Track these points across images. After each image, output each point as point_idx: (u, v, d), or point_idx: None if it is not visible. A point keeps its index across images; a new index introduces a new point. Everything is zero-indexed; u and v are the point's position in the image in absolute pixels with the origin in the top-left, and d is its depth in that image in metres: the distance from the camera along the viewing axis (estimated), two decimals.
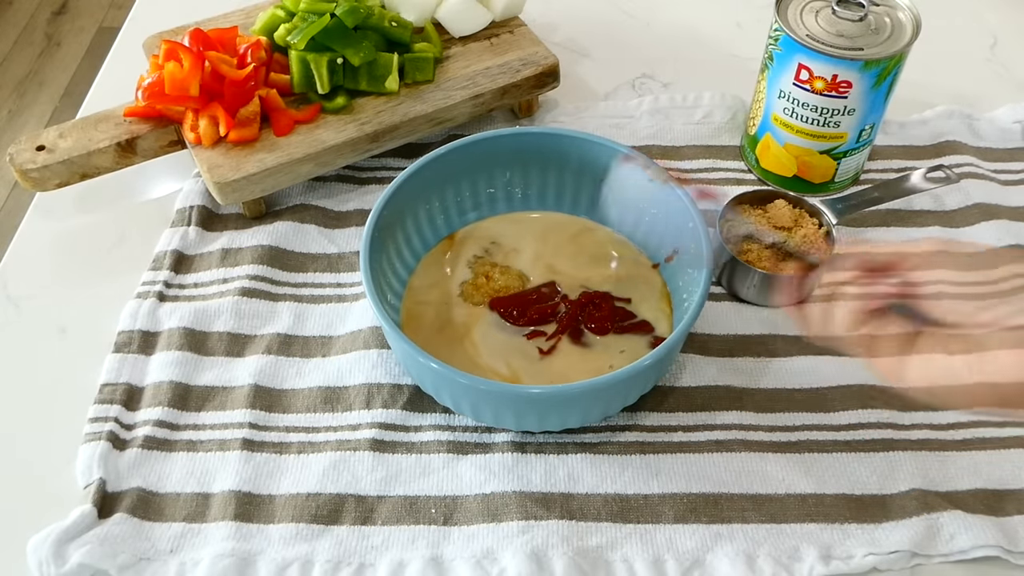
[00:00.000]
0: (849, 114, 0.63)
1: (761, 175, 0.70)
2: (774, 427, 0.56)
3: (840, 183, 0.68)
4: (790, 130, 0.65)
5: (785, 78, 0.63)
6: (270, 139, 0.66)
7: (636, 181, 0.61)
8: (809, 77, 0.62)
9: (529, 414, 0.53)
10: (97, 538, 0.51)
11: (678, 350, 0.56)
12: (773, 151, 0.67)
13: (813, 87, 0.62)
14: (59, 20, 2.16)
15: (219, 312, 0.62)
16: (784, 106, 0.65)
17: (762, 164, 0.69)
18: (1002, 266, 0.64)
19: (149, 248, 0.66)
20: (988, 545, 0.50)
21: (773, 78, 0.64)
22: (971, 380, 0.43)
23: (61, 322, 0.63)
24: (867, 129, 0.65)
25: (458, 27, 0.74)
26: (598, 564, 0.51)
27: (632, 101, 0.77)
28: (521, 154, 0.64)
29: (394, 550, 0.51)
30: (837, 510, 0.53)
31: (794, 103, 0.64)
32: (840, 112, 0.62)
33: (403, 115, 0.68)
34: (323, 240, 0.67)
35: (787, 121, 0.65)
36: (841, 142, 0.65)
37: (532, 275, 0.62)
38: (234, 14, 0.75)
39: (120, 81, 0.74)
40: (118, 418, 0.56)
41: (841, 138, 0.64)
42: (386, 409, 0.57)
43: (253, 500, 0.53)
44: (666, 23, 0.86)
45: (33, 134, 0.66)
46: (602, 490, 0.54)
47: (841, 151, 0.65)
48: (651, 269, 0.63)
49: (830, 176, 0.67)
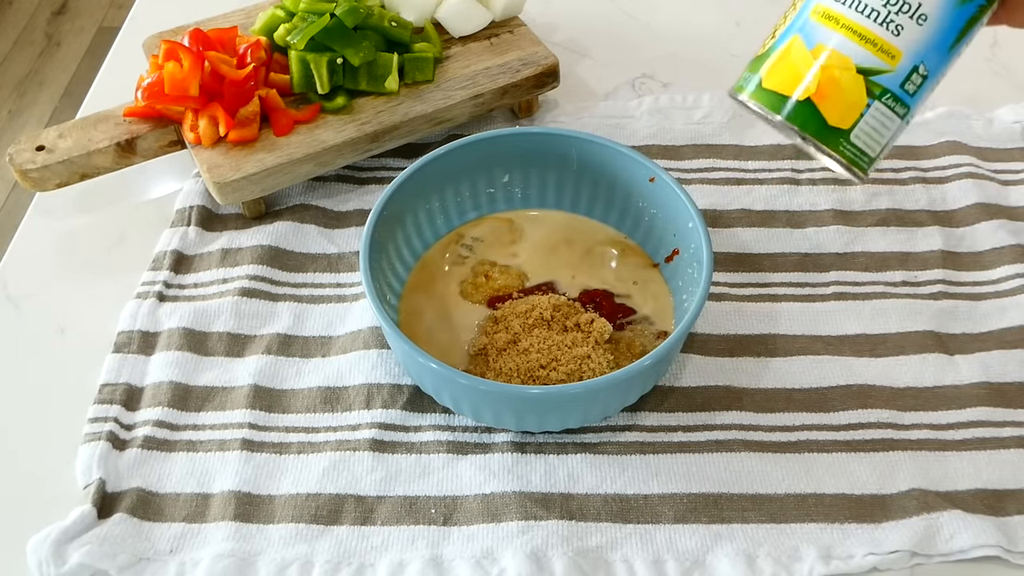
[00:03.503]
0: (920, 20, 0.48)
1: (758, 100, 0.51)
2: (774, 427, 0.56)
3: (853, 149, 0.50)
4: (835, 24, 0.49)
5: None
6: (270, 139, 0.66)
7: (636, 181, 0.61)
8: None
9: (529, 414, 0.54)
10: (97, 538, 0.51)
11: (678, 350, 0.56)
12: (793, 58, 0.50)
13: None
14: (59, 20, 2.16)
15: (219, 312, 0.62)
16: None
17: (766, 84, 0.51)
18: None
19: (149, 248, 0.66)
20: (988, 545, 0.50)
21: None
22: None
23: (61, 322, 0.63)
24: (921, 69, 0.50)
25: (458, 27, 0.74)
26: (598, 564, 0.51)
27: (632, 101, 0.77)
28: (521, 154, 0.64)
29: (394, 550, 0.51)
30: (837, 510, 0.53)
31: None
32: (910, 10, 0.48)
33: (403, 115, 0.68)
34: (323, 240, 0.67)
35: (836, 11, 0.49)
36: (890, 63, 0.49)
37: (532, 274, 0.62)
38: (234, 14, 0.75)
39: (120, 81, 0.74)
40: (118, 418, 0.56)
41: (893, 56, 0.49)
42: (386, 409, 0.57)
43: (253, 500, 0.53)
44: (666, 23, 0.86)
45: (33, 134, 0.66)
46: (602, 490, 0.54)
47: (881, 82, 0.49)
48: (651, 269, 0.63)
49: (850, 121, 0.49)
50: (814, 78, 0.49)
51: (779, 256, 0.66)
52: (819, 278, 0.64)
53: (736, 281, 0.64)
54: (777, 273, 0.64)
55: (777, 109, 0.50)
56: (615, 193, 0.63)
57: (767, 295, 0.63)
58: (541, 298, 0.59)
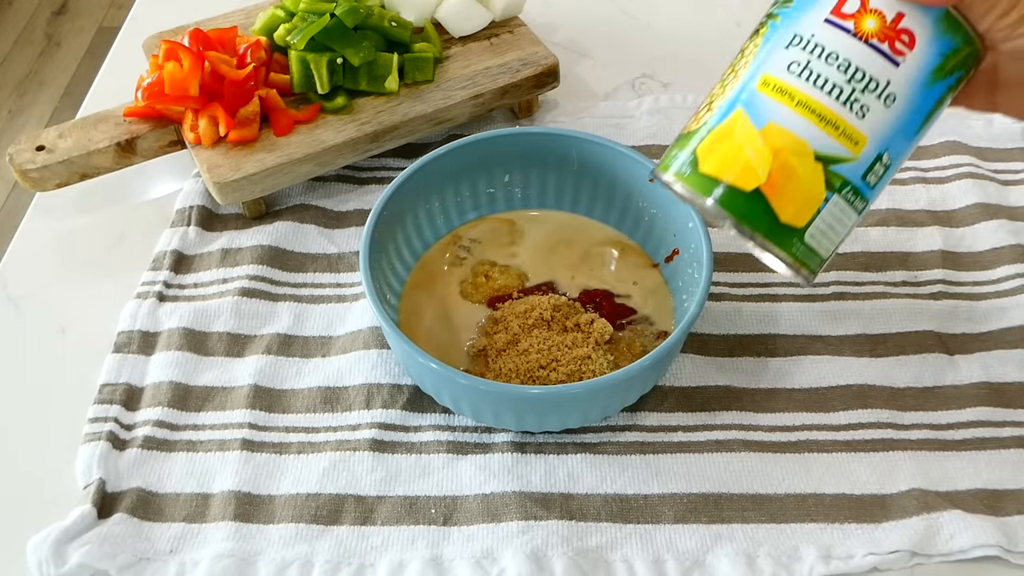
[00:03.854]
0: (887, 101, 0.42)
1: (690, 185, 0.43)
2: (774, 427, 0.56)
3: (804, 250, 0.43)
4: (788, 100, 0.42)
5: (811, 15, 0.42)
6: (270, 139, 0.66)
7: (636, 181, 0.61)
8: (860, 9, 0.42)
9: (529, 414, 0.54)
10: (97, 538, 0.51)
11: (678, 350, 0.56)
12: (736, 140, 0.42)
13: (859, 27, 0.41)
14: (59, 20, 2.16)
15: (219, 312, 0.62)
16: (795, 58, 0.42)
17: (703, 167, 0.43)
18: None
19: (149, 248, 0.66)
20: (988, 545, 0.50)
21: (787, 20, 0.44)
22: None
23: (61, 322, 0.63)
24: (884, 158, 0.43)
25: (458, 27, 0.74)
26: (598, 564, 0.51)
27: (632, 101, 0.77)
28: (521, 154, 0.64)
29: (394, 550, 0.51)
30: (837, 510, 0.53)
31: (816, 52, 0.42)
32: (878, 88, 0.42)
33: (403, 115, 0.68)
34: (323, 240, 0.67)
35: (790, 84, 0.42)
36: (852, 150, 0.42)
37: (531, 274, 0.62)
38: (234, 14, 0.75)
39: (120, 81, 0.74)
40: (118, 418, 0.56)
41: (856, 142, 0.42)
42: (386, 409, 0.57)
43: (253, 500, 0.53)
44: (666, 23, 0.86)
45: (33, 134, 0.66)
46: (602, 490, 0.54)
47: (842, 172, 0.42)
48: (651, 269, 0.63)
49: (805, 218, 0.42)
50: (764, 164, 0.42)
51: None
52: (819, 278, 0.64)
53: (736, 281, 0.64)
54: (777, 273, 0.64)
55: (714, 197, 0.42)
56: (615, 193, 0.63)
57: (767, 295, 0.63)
58: (541, 298, 0.59)
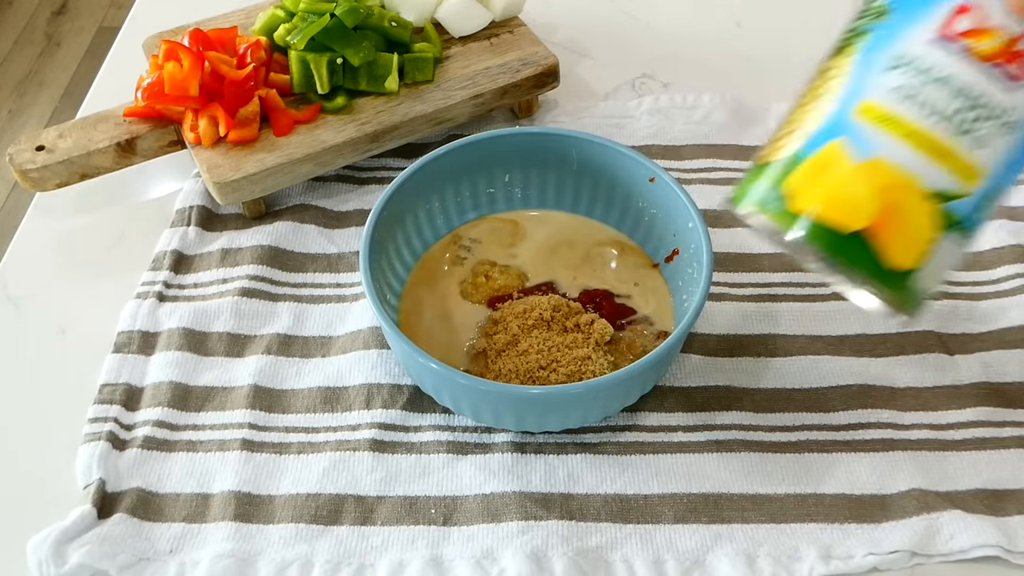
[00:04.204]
0: (1009, 129, 0.36)
1: (780, 222, 0.38)
2: (774, 427, 0.56)
3: (910, 292, 0.38)
4: (896, 130, 0.36)
5: (915, 32, 0.36)
6: (270, 139, 0.66)
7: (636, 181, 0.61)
8: (973, 28, 0.36)
9: (529, 414, 0.53)
10: (97, 538, 0.51)
11: (678, 350, 0.56)
12: (836, 175, 0.37)
13: (975, 48, 0.35)
14: (59, 20, 2.16)
15: (219, 312, 0.62)
16: (901, 82, 0.36)
17: (795, 204, 0.37)
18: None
19: (149, 248, 0.66)
20: (988, 545, 0.50)
21: (883, 38, 0.37)
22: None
23: (61, 322, 0.63)
24: (999, 190, 0.38)
25: (458, 27, 0.74)
26: (598, 564, 0.51)
27: (632, 101, 0.77)
28: (521, 154, 0.64)
29: (394, 550, 0.51)
30: (837, 510, 0.53)
31: (926, 76, 0.36)
32: (999, 117, 0.35)
33: (403, 115, 0.68)
34: (323, 240, 0.67)
35: (897, 113, 0.36)
36: (966, 185, 0.36)
37: (532, 274, 0.62)
38: (234, 14, 0.75)
39: (120, 81, 0.74)
40: (118, 418, 0.56)
41: (971, 176, 0.36)
42: (386, 409, 0.57)
43: (253, 500, 0.53)
44: (666, 23, 0.86)
45: (33, 134, 0.66)
46: (602, 490, 0.54)
47: (955, 210, 0.36)
48: (651, 269, 0.63)
49: (914, 259, 0.37)
50: (870, 202, 0.36)
51: (779, 256, 0.65)
52: (819, 278, 0.64)
53: (736, 281, 0.64)
54: (777, 273, 0.64)
55: (808, 235, 0.37)
56: (615, 193, 0.63)
57: (767, 295, 0.63)
58: (541, 299, 0.59)
